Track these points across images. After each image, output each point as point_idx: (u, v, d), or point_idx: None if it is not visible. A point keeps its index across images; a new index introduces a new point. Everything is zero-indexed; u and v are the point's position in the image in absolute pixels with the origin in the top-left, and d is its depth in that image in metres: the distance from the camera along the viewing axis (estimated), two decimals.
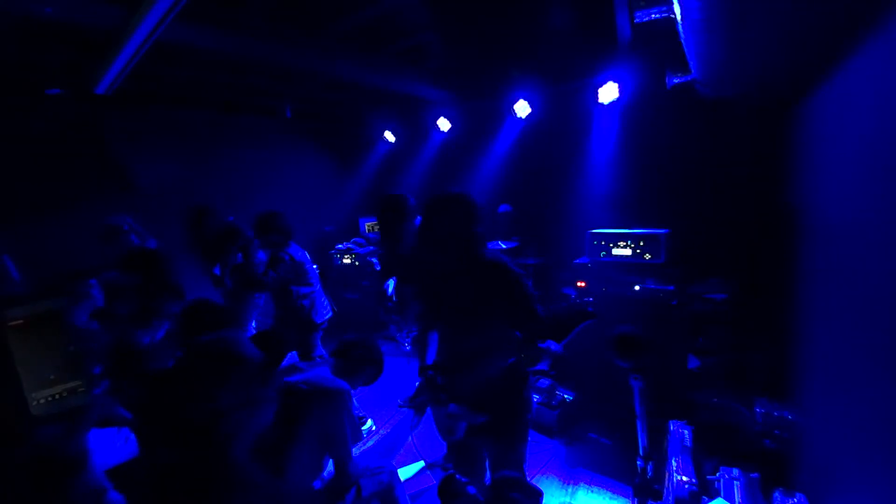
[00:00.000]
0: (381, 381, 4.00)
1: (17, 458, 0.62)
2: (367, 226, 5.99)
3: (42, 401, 0.58)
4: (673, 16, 1.78)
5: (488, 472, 1.97)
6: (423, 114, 4.71)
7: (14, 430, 0.59)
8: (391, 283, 3.17)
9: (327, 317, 3.49)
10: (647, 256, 3.16)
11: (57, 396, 0.59)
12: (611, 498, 2.53)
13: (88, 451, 1.54)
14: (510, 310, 1.55)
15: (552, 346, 1.47)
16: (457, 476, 0.96)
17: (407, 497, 2.17)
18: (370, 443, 3.24)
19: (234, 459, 0.99)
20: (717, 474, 2.05)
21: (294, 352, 3.52)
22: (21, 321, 0.57)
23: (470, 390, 1.61)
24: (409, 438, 2.93)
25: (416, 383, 3.80)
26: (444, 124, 4.64)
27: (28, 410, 0.58)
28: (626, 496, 2.50)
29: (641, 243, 3.18)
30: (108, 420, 2.12)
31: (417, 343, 1.93)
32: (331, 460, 1.90)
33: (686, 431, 2.27)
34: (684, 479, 1.92)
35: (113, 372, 1.73)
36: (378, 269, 5.36)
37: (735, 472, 2.04)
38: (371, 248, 5.58)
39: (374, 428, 3.37)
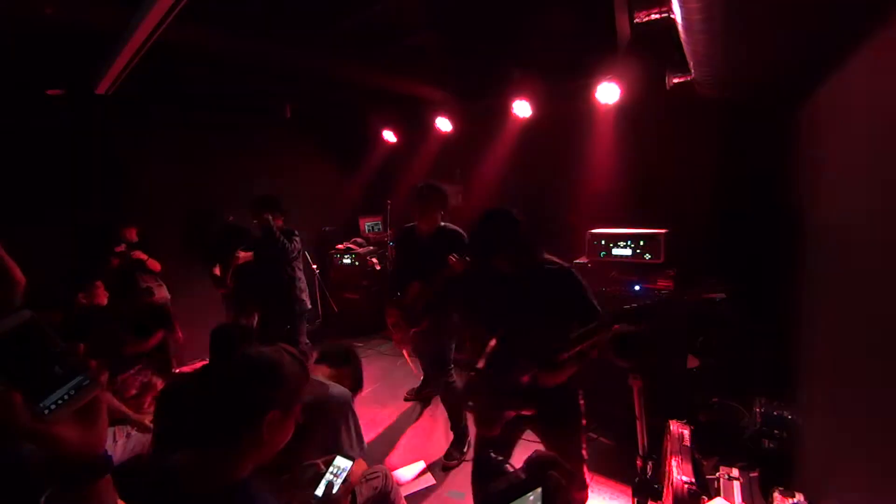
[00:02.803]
0: (382, 379, 4.01)
1: (35, 466, 0.61)
2: (367, 226, 5.98)
3: (53, 406, 0.57)
4: (672, 16, 1.78)
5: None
6: (423, 114, 4.70)
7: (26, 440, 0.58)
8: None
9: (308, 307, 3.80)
10: (647, 256, 3.16)
11: (66, 397, 0.58)
12: (610, 497, 2.53)
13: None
14: (573, 309, 1.74)
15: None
16: (492, 455, 0.98)
17: (402, 498, 2.16)
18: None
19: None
20: (717, 474, 2.05)
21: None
22: None
23: (527, 388, 1.69)
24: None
25: (421, 378, 3.83)
26: (444, 124, 4.64)
27: (40, 421, 0.56)
28: (625, 496, 2.50)
29: (641, 243, 3.19)
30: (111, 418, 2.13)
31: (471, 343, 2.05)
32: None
33: (686, 431, 2.27)
34: (684, 478, 1.92)
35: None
36: (379, 268, 5.37)
37: (735, 471, 2.04)
38: (371, 248, 5.58)
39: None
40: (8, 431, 0.55)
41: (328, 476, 1.50)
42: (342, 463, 1.54)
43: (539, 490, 0.88)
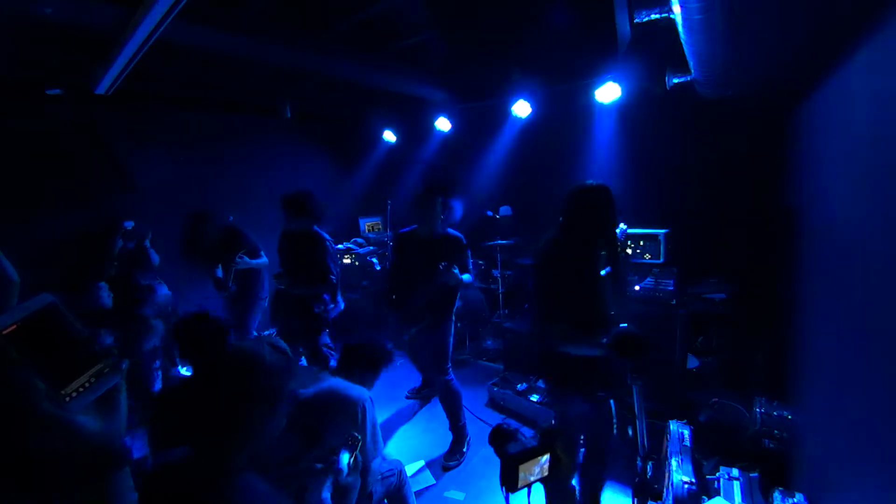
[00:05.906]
0: (382, 379, 3.99)
1: (58, 457, 0.60)
2: (367, 226, 5.98)
3: (74, 394, 0.56)
4: (673, 16, 1.78)
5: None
6: (423, 114, 4.70)
7: (47, 430, 0.57)
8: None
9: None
10: (647, 256, 3.16)
11: (87, 385, 0.58)
12: (610, 498, 2.53)
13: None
14: None
15: None
16: (504, 424, 1.15)
17: (413, 495, 2.18)
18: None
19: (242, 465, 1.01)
20: (717, 474, 2.05)
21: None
22: (14, 326, 0.54)
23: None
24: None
25: (421, 377, 3.84)
26: (444, 124, 4.64)
27: (61, 408, 0.56)
28: (625, 496, 2.50)
29: (641, 243, 3.18)
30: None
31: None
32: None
33: (686, 431, 2.27)
34: (684, 479, 1.92)
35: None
36: (378, 268, 5.36)
37: (735, 471, 2.04)
38: (371, 248, 5.58)
39: None
40: (30, 420, 0.54)
41: (333, 470, 1.52)
42: (346, 458, 1.55)
43: (547, 456, 1.05)
